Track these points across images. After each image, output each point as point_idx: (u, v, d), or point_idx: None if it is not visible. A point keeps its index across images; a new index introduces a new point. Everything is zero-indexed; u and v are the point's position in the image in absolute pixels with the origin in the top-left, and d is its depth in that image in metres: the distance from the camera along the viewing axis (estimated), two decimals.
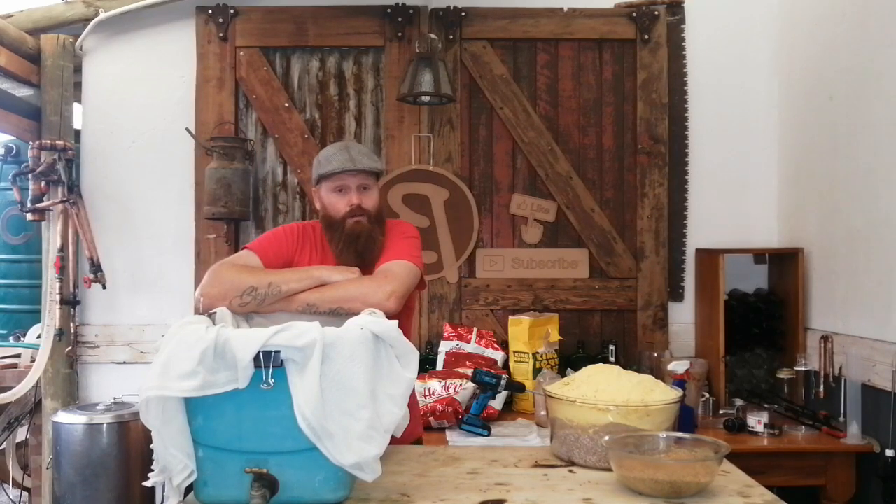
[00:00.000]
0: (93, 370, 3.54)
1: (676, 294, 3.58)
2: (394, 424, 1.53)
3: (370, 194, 2.14)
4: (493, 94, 3.56)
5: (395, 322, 1.57)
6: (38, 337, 3.51)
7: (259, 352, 1.45)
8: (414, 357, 1.57)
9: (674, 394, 1.84)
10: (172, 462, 1.52)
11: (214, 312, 1.82)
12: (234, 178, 3.34)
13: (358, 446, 1.47)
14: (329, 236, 2.15)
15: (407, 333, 1.98)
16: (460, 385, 2.85)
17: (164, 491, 1.54)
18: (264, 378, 1.46)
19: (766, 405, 3.09)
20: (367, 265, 2.09)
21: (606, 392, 1.80)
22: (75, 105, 3.60)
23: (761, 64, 3.61)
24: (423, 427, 2.45)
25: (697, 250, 3.57)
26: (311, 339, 1.45)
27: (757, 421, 2.87)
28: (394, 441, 1.65)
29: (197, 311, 1.91)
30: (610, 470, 1.66)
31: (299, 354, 1.46)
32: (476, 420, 2.74)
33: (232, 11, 3.52)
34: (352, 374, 1.48)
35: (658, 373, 3.12)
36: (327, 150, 2.20)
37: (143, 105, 3.58)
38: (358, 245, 2.10)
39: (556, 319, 3.24)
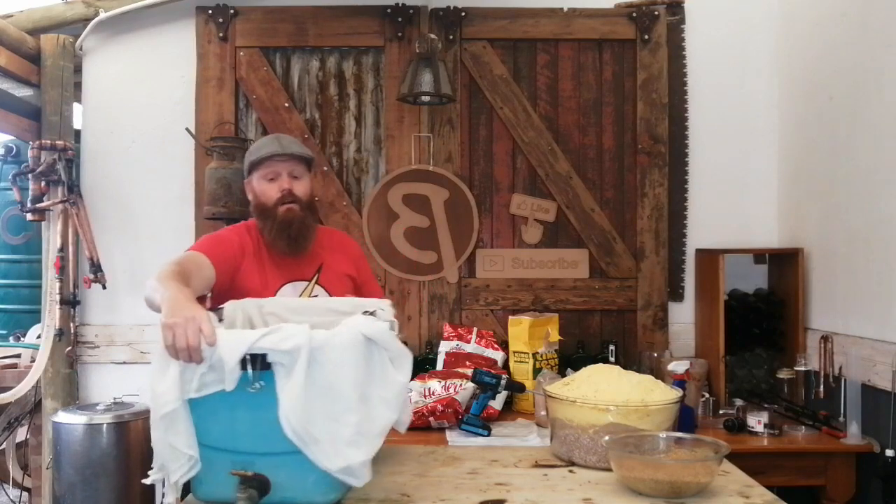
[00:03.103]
0: (93, 370, 3.54)
1: (676, 294, 3.58)
2: (386, 428, 1.51)
3: (302, 182, 2.19)
4: (493, 94, 3.56)
5: (388, 324, 1.57)
6: (38, 337, 3.52)
7: (246, 355, 1.44)
8: (407, 360, 1.56)
9: (674, 394, 1.84)
10: (171, 459, 1.52)
11: (222, 308, 1.81)
12: (234, 178, 3.33)
13: (345, 452, 1.45)
14: (262, 225, 2.19)
15: None
16: (460, 385, 2.85)
17: (163, 489, 1.54)
18: (251, 381, 1.45)
19: (766, 405, 3.09)
20: (299, 252, 2.15)
21: (606, 392, 1.81)
22: (75, 105, 3.60)
23: (761, 64, 3.61)
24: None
25: (697, 250, 3.57)
26: (296, 343, 1.43)
27: (757, 421, 2.87)
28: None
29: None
30: (610, 470, 1.66)
31: (286, 358, 1.44)
32: (476, 420, 2.74)
33: (232, 11, 3.52)
34: (340, 378, 1.45)
35: (658, 373, 3.12)
36: (257, 142, 2.27)
37: (143, 105, 3.58)
38: (291, 231, 2.14)
39: (556, 319, 3.24)
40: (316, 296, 2.20)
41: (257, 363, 1.45)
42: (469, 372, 2.91)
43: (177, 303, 1.57)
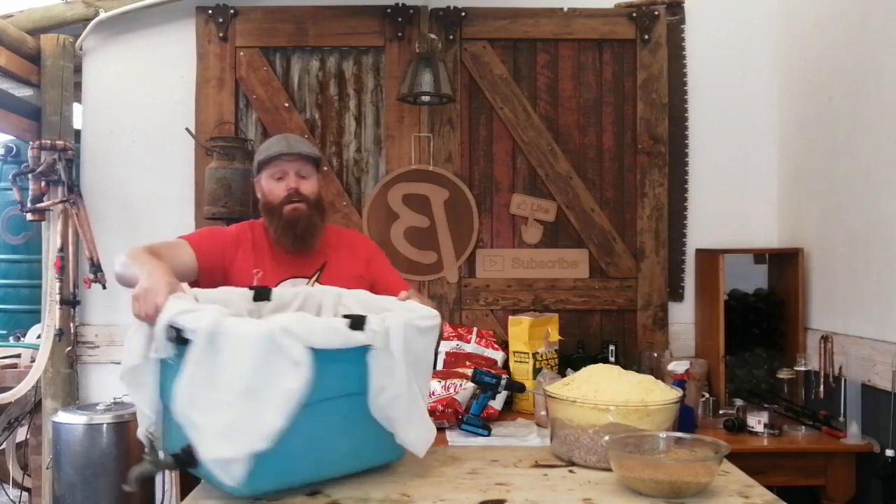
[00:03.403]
0: (93, 370, 3.54)
1: (676, 294, 3.58)
2: (270, 434, 1.45)
3: (309, 181, 2.21)
4: (493, 94, 3.56)
5: (364, 335, 1.57)
6: (38, 337, 3.52)
7: (169, 326, 1.52)
8: (298, 370, 1.47)
9: (674, 394, 1.84)
10: (139, 414, 1.65)
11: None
12: (234, 178, 3.33)
13: (217, 443, 1.44)
14: (268, 223, 2.21)
15: None
16: (460, 385, 2.85)
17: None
18: (166, 351, 1.53)
19: (766, 405, 3.09)
20: (305, 250, 2.17)
21: (606, 392, 1.81)
22: (75, 105, 3.60)
23: (761, 64, 3.61)
24: None
25: (697, 250, 3.57)
26: (202, 325, 1.46)
27: (757, 421, 2.87)
28: None
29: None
30: (610, 470, 1.66)
31: (194, 336, 1.47)
32: (476, 420, 2.74)
33: (232, 11, 3.52)
34: (230, 368, 1.45)
35: (658, 373, 3.12)
36: (266, 141, 2.30)
37: (143, 105, 3.58)
38: (297, 229, 2.15)
39: (556, 319, 3.24)
40: None
41: (173, 334, 1.52)
42: (469, 372, 2.90)
43: (147, 274, 1.69)
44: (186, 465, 1.51)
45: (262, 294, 1.86)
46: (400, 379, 1.60)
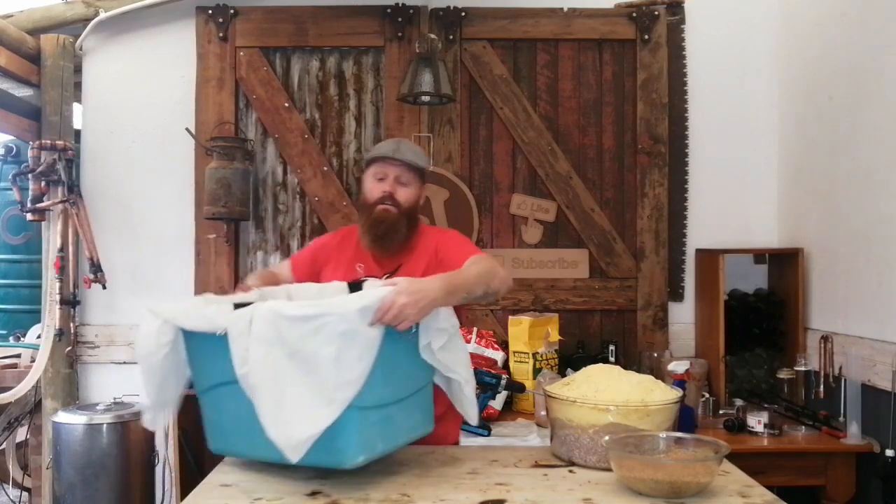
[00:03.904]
0: (93, 370, 3.54)
1: (676, 294, 3.58)
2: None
3: (407, 189, 2.21)
4: (493, 94, 3.56)
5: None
6: (38, 337, 3.52)
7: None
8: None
9: (674, 394, 1.84)
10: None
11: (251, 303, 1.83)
12: (234, 178, 3.33)
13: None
14: (359, 218, 2.27)
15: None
16: None
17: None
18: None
19: (766, 405, 3.09)
20: (383, 252, 2.19)
21: (606, 392, 1.81)
22: (75, 105, 3.60)
23: (761, 64, 3.61)
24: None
25: (697, 250, 3.57)
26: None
27: (757, 421, 2.87)
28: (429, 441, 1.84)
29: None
30: (610, 470, 1.66)
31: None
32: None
33: (232, 11, 3.52)
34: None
35: (658, 373, 3.12)
36: (382, 141, 2.38)
37: (143, 105, 3.58)
38: (378, 230, 2.17)
39: (556, 319, 3.24)
40: None
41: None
42: None
43: None
44: None
45: (354, 286, 1.98)
46: (256, 368, 1.56)
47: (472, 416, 1.86)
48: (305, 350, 1.53)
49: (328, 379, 1.53)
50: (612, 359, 3.33)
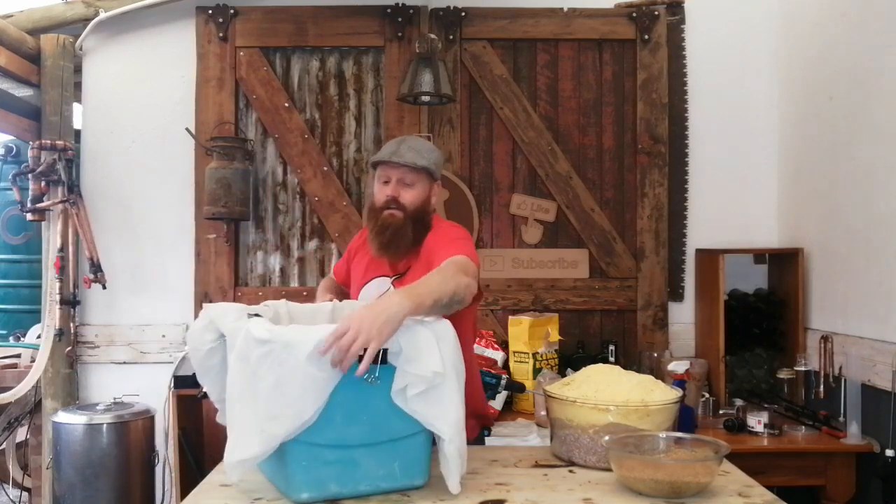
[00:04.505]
0: (93, 370, 3.54)
1: (676, 294, 3.58)
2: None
3: (411, 190, 2.16)
4: (493, 94, 3.56)
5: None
6: (38, 337, 3.52)
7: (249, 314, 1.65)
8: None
9: (674, 394, 1.84)
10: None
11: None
12: (234, 178, 3.33)
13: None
14: (367, 223, 2.24)
15: (465, 348, 1.84)
16: None
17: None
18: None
19: (766, 405, 3.09)
20: (390, 255, 2.16)
21: (606, 392, 1.81)
22: (75, 105, 3.60)
23: (761, 64, 3.61)
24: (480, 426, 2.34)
25: (697, 250, 3.57)
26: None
27: (757, 421, 2.87)
28: None
29: None
30: (610, 470, 1.66)
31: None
32: None
33: (232, 11, 3.52)
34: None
35: (658, 373, 3.12)
36: (389, 141, 2.32)
37: (143, 105, 3.58)
38: (384, 236, 2.14)
39: (556, 319, 3.24)
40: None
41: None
42: None
43: None
44: None
45: None
46: (230, 381, 1.56)
47: (453, 485, 1.56)
48: (257, 374, 1.48)
49: (261, 408, 1.47)
50: (612, 359, 3.33)
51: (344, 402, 1.51)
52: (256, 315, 1.69)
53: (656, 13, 3.55)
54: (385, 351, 1.52)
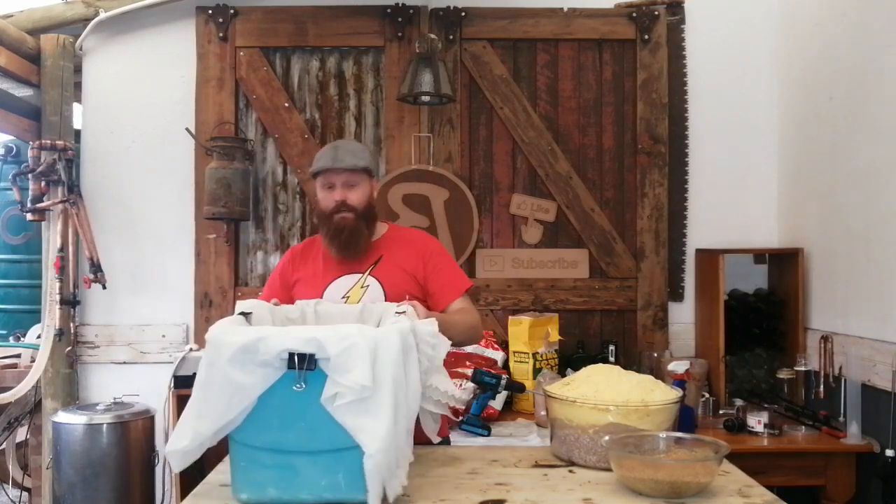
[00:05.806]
0: (93, 370, 3.54)
1: (676, 294, 3.58)
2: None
3: (357, 190, 2.27)
4: (493, 94, 3.56)
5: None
6: (38, 337, 3.51)
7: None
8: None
9: (674, 394, 1.84)
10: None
11: (250, 313, 1.82)
12: (234, 178, 3.34)
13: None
14: (321, 229, 2.31)
15: None
16: (460, 385, 2.84)
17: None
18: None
19: (766, 405, 3.09)
20: (350, 256, 2.25)
21: (606, 392, 1.81)
22: (75, 105, 3.60)
23: (761, 64, 3.61)
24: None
25: (697, 250, 3.57)
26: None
27: (757, 421, 2.87)
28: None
29: None
30: (610, 470, 1.66)
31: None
32: (476, 420, 2.73)
33: (232, 11, 3.52)
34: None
35: (658, 373, 3.12)
36: (322, 149, 2.37)
37: (143, 105, 3.58)
38: (341, 238, 2.24)
39: (556, 319, 3.24)
40: (367, 286, 2.25)
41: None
42: (469, 372, 2.90)
43: None
44: None
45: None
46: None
47: (371, 498, 1.47)
48: (199, 371, 1.53)
49: (193, 405, 1.51)
50: (612, 359, 3.32)
51: (281, 406, 1.50)
52: (243, 314, 1.72)
53: (656, 13, 3.55)
54: (313, 357, 1.48)
